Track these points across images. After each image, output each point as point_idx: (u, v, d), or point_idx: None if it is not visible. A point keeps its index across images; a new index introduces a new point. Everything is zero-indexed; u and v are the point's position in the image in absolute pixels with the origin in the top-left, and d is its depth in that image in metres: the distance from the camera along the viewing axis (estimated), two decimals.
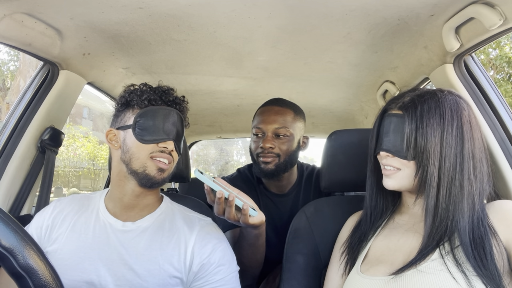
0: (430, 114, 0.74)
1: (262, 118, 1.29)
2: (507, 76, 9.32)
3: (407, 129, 0.75)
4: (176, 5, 0.97)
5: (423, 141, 0.73)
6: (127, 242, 0.85)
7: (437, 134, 0.73)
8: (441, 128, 0.73)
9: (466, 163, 0.73)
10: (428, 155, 0.73)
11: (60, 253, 0.84)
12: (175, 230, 0.89)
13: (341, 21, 1.04)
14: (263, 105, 1.36)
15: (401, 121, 0.77)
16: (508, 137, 1.00)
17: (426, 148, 0.73)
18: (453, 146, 0.73)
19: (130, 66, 1.44)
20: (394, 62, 1.34)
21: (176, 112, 0.92)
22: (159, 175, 0.87)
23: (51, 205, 0.94)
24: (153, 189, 0.91)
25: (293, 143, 1.29)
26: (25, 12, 0.97)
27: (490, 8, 0.85)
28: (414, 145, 0.74)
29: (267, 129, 1.27)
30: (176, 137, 0.90)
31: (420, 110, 0.74)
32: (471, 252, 0.67)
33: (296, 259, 0.98)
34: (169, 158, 0.88)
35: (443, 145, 0.72)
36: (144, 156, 0.86)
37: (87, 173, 14.67)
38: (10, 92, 10.65)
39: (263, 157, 1.26)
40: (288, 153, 1.27)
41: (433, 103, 0.75)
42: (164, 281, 0.82)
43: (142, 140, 0.86)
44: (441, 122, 0.73)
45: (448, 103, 0.75)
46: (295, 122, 1.30)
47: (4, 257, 0.43)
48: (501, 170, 0.97)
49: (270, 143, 1.25)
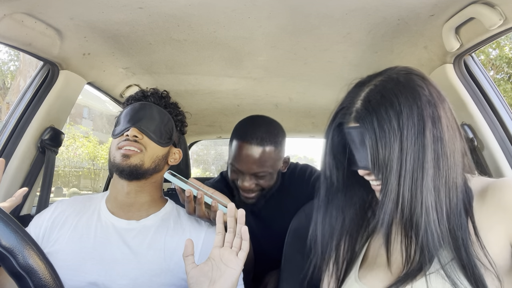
0: (386, 123, 0.63)
1: (240, 158, 1.16)
2: (507, 76, 9.32)
3: (368, 143, 0.64)
4: (176, 5, 0.97)
5: (385, 154, 0.62)
6: (130, 241, 0.85)
7: (396, 139, 0.62)
8: (401, 130, 0.62)
9: (424, 156, 0.61)
10: (390, 169, 0.62)
11: (62, 254, 0.83)
12: (180, 230, 0.89)
13: (341, 21, 1.04)
14: (241, 136, 1.18)
15: (360, 134, 0.66)
16: (508, 137, 1.00)
17: (388, 161, 0.62)
18: (414, 149, 0.62)
19: (130, 66, 1.44)
20: (394, 62, 1.34)
21: (148, 104, 0.94)
22: (124, 161, 0.86)
23: (52, 206, 0.94)
24: (137, 180, 0.89)
25: (274, 175, 1.22)
26: (25, 12, 0.97)
27: (490, 8, 0.85)
28: (375, 160, 0.64)
29: (245, 171, 1.17)
30: (144, 124, 0.90)
31: (376, 120, 0.63)
32: (465, 263, 0.60)
33: (296, 259, 0.98)
34: (135, 144, 0.88)
35: (403, 149, 0.62)
36: (114, 149, 0.90)
37: (87, 173, 14.66)
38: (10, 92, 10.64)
39: (243, 192, 1.20)
40: (270, 186, 1.22)
41: (387, 102, 0.64)
42: (169, 281, 0.82)
43: (113, 136, 0.92)
44: (400, 122, 0.62)
45: (402, 90, 0.64)
46: (277, 157, 1.20)
47: (4, 257, 0.43)
48: (501, 170, 0.97)
49: (249, 183, 1.17)
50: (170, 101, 1.00)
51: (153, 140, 0.91)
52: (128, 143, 0.87)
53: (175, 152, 0.99)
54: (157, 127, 0.92)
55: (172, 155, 0.98)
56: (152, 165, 0.90)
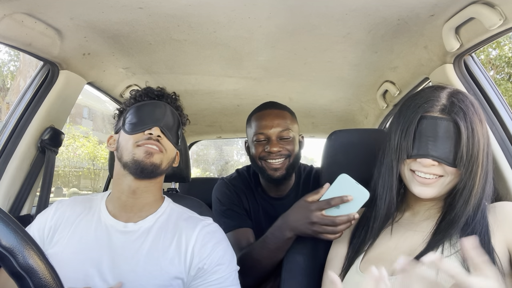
0: (475, 121, 0.72)
1: (264, 123, 1.26)
2: (507, 76, 9.33)
3: (464, 136, 0.71)
4: (176, 5, 0.97)
5: (476, 149, 0.71)
6: (128, 244, 0.85)
7: (482, 141, 0.72)
8: (482, 134, 0.73)
9: (489, 167, 0.74)
10: (478, 164, 0.71)
11: (62, 256, 0.83)
12: (176, 231, 0.88)
13: (341, 21, 1.04)
14: (259, 109, 1.33)
15: (450, 127, 0.72)
16: (508, 137, 1.00)
17: (477, 156, 0.71)
18: (487, 152, 0.73)
19: (130, 66, 1.44)
20: (394, 62, 1.34)
21: (163, 104, 0.93)
22: (147, 158, 0.84)
23: (52, 207, 0.93)
24: (148, 179, 0.89)
25: (296, 143, 1.29)
26: (25, 12, 0.97)
27: (490, 8, 0.85)
28: (467, 154, 0.71)
29: (271, 134, 1.25)
30: (164, 124, 0.90)
31: (469, 116, 0.72)
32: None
33: (296, 259, 0.98)
34: (157, 144, 0.87)
35: (483, 151, 0.72)
36: (131, 145, 0.87)
37: (87, 173, 14.67)
38: (10, 92, 10.64)
39: (271, 160, 1.24)
40: (294, 153, 1.27)
41: (472, 108, 0.73)
42: (166, 282, 0.82)
43: (129, 132, 0.88)
44: (481, 128, 0.73)
45: (478, 106, 0.75)
46: (293, 123, 1.31)
47: (4, 257, 0.43)
48: (501, 170, 0.97)
49: (277, 146, 1.23)
50: (178, 103, 1.01)
51: (171, 141, 0.91)
52: (151, 142, 0.86)
53: (177, 153, 1.00)
54: (173, 128, 0.93)
55: (176, 157, 0.99)
56: (167, 166, 0.91)
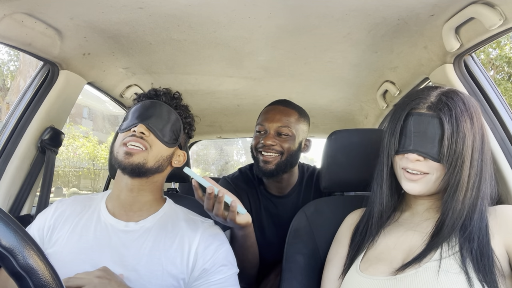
0: (462, 117, 0.72)
1: (266, 117, 1.30)
2: (507, 76, 9.33)
3: (447, 132, 0.72)
4: (176, 5, 0.97)
5: (460, 145, 0.72)
6: (129, 243, 0.85)
7: (470, 137, 0.72)
8: (472, 132, 0.73)
9: (485, 166, 0.74)
10: (463, 159, 0.72)
11: (61, 255, 0.83)
12: (178, 231, 0.88)
13: (341, 21, 1.04)
14: (270, 104, 1.37)
15: (435, 123, 0.74)
16: (508, 137, 1.00)
17: (462, 152, 0.72)
18: (479, 150, 0.73)
19: (130, 66, 1.44)
20: (394, 62, 1.34)
21: (158, 102, 0.93)
22: (126, 158, 0.85)
23: (52, 206, 0.93)
24: (139, 178, 0.89)
25: (295, 143, 1.29)
26: (25, 12, 0.97)
27: (490, 8, 0.85)
28: (450, 149, 0.72)
29: (270, 127, 1.27)
30: (152, 122, 0.89)
31: (455, 113, 0.73)
32: (474, 254, 0.67)
33: (296, 259, 0.98)
34: (141, 141, 0.87)
35: (473, 148, 0.72)
36: (119, 144, 0.88)
37: (87, 173, 14.66)
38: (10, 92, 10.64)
39: (264, 152, 1.26)
40: (289, 152, 1.27)
41: (462, 105, 0.74)
42: (166, 282, 0.82)
43: (120, 131, 0.91)
44: (471, 125, 0.73)
45: (471, 105, 0.75)
46: (299, 123, 1.31)
47: (4, 257, 0.43)
48: (501, 170, 0.97)
49: (272, 140, 1.25)
50: (182, 103, 1.00)
51: (159, 139, 0.90)
52: (134, 139, 0.86)
53: (180, 154, 0.98)
54: (165, 126, 0.91)
55: (176, 157, 0.97)
56: (155, 164, 0.89)
